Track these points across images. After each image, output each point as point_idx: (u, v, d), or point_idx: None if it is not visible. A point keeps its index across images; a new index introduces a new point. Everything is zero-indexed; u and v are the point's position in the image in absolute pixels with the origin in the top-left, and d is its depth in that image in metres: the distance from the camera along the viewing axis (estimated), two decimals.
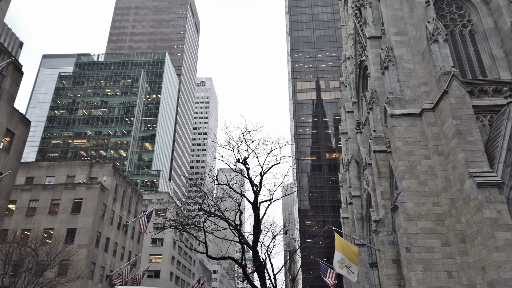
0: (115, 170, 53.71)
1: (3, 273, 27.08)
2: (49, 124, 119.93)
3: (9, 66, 31.61)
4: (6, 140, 32.00)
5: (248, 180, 20.27)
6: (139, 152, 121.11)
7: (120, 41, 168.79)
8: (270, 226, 25.61)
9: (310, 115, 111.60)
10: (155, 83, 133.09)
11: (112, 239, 51.09)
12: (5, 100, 31.63)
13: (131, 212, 58.69)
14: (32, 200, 46.82)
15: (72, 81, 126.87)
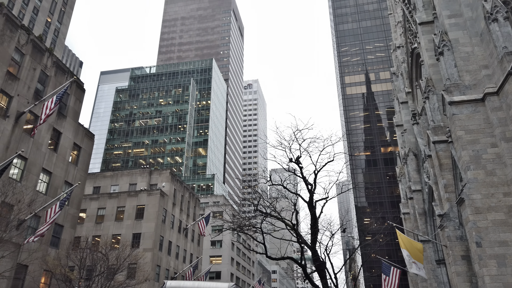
0: (172, 176, 55.91)
1: (79, 277, 29.23)
2: (110, 136, 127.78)
3: (72, 85, 34.16)
4: (74, 153, 34.55)
5: (302, 179, 20.15)
6: (194, 158, 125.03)
7: (169, 52, 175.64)
8: (327, 224, 25.24)
9: (361, 109, 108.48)
10: (204, 90, 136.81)
11: (174, 242, 53.18)
12: (71, 116, 34.18)
13: (190, 216, 60.72)
14: (100, 208, 50.09)
15: (128, 94, 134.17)
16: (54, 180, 31.16)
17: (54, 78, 32.24)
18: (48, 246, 29.82)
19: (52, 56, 32.54)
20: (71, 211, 33.06)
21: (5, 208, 23.58)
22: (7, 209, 23.80)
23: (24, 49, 29.30)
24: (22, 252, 25.79)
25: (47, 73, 31.56)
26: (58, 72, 32.87)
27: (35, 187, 28.80)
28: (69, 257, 29.90)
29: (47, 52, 31.90)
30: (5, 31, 27.54)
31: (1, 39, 27.09)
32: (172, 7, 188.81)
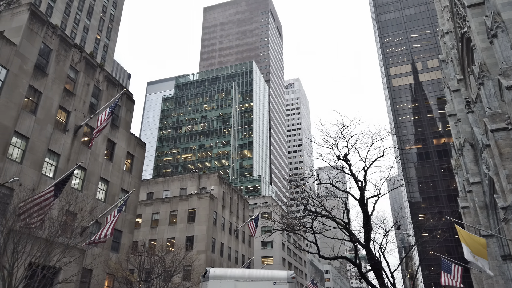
0: (220, 179, 56.99)
1: (139, 279, 30.65)
2: (160, 143, 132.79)
3: (123, 97, 35.92)
4: (128, 162, 36.28)
5: (351, 176, 19.71)
6: (240, 160, 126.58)
7: (211, 58, 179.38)
8: (380, 222, 24.46)
9: (409, 101, 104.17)
10: (246, 92, 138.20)
11: (226, 244, 54.13)
12: (123, 127, 35.94)
13: (239, 218, 61.52)
14: (154, 213, 52.18)
15: (174, 102, 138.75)
16: (111, 188, 32.91)
17: (106, 91, 34.11)
18: (110, 251, 31.52)
19: (103, 71, 34.44)
20: (128, 216, 34.73)
21: (69, 217, 25.26)
22: (71, 217, 25.49)
23: (78, 67, 31.27)
24: (87, 257, 27.49)
25: (99, 87, 33.45)
26: (109, 85, 34.74)
27: (95, 195, 30.60)
28: (129, 261, 31.44)
29: (99, 68, 33.82)
30: (61, 51, 29.56)
31: (57, 59, 29.11)
32: (211, 14, 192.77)
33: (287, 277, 14.35)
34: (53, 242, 20.51)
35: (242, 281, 13.73)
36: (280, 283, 13.99)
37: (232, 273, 14.16)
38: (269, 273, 14.70)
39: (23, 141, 25.34)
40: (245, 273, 14.26)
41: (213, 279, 13.72)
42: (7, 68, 24.76)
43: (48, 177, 26.68)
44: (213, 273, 14.01)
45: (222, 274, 14.04)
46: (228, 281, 13.72)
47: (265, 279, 14.12)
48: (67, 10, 75.90)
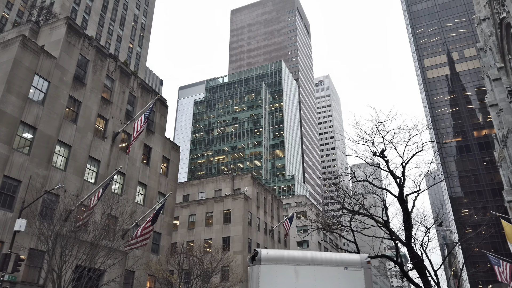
0: (253, 180, 57.21)
1: (179, 280, 31.31)
2: (193, 147, 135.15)
3: (157, 103, 36.82)
4: (164, 165, 37.16)
5: (389, 173, 19.18)
6: (272, 160, 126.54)
7: (239, 60, 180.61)
8: (421, 219, 23.64)
9: (446, 92, 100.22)
10: (276, 92, 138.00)
11: (262, 244, 54.25)
12: (158, 131, 36.86)
13: (274, 218, 61.48)
14: (191, 214, 53.14)
15: (205, 105, 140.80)
16: (149, 191, 33.83)
17: (140, 98, 35.11)
18: (150, 252, 32.40)
19: (137, 79, 35.48)
20: (166, 219, 35.56)
21: (111, 220, 26.20)
22: (113, 221, 26.42)
23: (113, 75, 32.39)
24: (129, 259, 28.39)
25: (134, 95, 34.49)
26: (143, 92, 35.74)
27: (134, 199, 31.56)
28: (169, 262, 32.18)
29: (133, 76, 34.87)
30: (97, 61, 30.74)
31: (94, 69, 30.29)
32: (238, 16, 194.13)
33: (361, 262, 11.54)
34: (97, 245, 21.33)
35: (305, 266, 10.89)
36: (353, 269, 11.30)
37: (290, 256, 11.13)
38: (338, 257, 11.83)
39: (66, 149, 26.54)
40: (307, 256, 11.24)
41: (266, 263, 10.77)
42: (48, 80, 26.03)
43: (90, 182, 27.78)
44: (266, 255, 10.88)
45: (277, 257, 11.05)
46: (286, 265, 10.82)
47: (334, 263, 11.29)
48: (101, 21, 78.78)
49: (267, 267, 10.84)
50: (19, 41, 24.45)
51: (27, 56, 24.69)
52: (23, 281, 21.56)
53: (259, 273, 10.75)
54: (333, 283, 10.87)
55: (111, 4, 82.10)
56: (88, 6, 76.13)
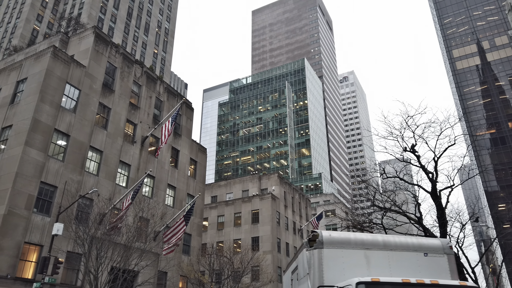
0: (280, 179, 57.07)
1: (211, 281, 31.67)
2: (219, 148, 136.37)
3: (183, 106, 37.37)
4: (191, 168, 37.67)
5: (420, 168, 18.66)
6: (298, 159, 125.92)
7: (262, 60, 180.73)
8: (456, 215, 22.86)
9: (477, 83, 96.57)
10: (299, 91, 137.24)
11: (291, 243, 54.04)
12: (185, 134, 37.41)
13: (302, 217, 61.11)
14: (219, 215, 53.61)
15: (229, 107, 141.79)
16: (178, 193, 34.38)
17: (167, 102, 35.75)
18: (181, 253, 32.92)
19: (163, 83, 36.15)
20: (196, 220, 36.04)
21: (143, 223, 26.80)
22: (145, 223, 27.02)
23: (140, 81, 33.14)
24: (161, 261, 28.96)
25: (160, 99, 35.16)
26: (169, 96, 36.37)
27: (164, 201, 32.16)
28: (200, 263, 32.58)
29: (159, 80, 35.55)
30: (124, 68, 31.53)
31: (121, 75, 31.09)
32: (259, 16, 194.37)
33: (442, 247, 9.86)
34: (131, 247, 21.86)
35: (376, 251, 9.26)
36: (434, 255, 9.64)
37: (358, 239, 9.47)
38: (414, 241, 10.00)
39: (97, 154, 27.37)
40: (378, 240, 9.53)
41: (330, 246, 9.04)
42: (79, 89, 26.93)
43: (121, 186, 28.52)
44: (328, 238, 9.14)
45: (343, 240, 9.28)
46: (354, 250, 9.15)
47: (411, 248, 9.58)
48: (126, 29, 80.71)
49: (331, 252, 9.09)
50: (50, 52, 25.41)
51: (58, 66, 25.63)
52: (62, 283, 22.39)
53: (322, 259, 8.89)
54: (413, 271, 9.12)
55: (136, 12, 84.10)
56: (113, 15, 78.27)
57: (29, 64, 26.26)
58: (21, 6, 77.25)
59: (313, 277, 9.02)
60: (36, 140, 23.21)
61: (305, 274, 9.52)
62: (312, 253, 9.31)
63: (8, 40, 73.46)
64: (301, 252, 10.02)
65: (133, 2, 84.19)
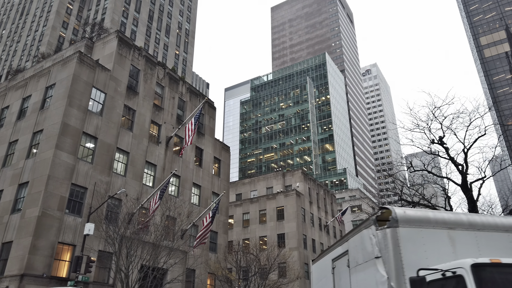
0: (304, 175, 56.77)
1: (238, 278, 31.92)
2: (242, 146, 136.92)
3: (205, 105, 37.70)
4: (216, 166, 38.00)
5: (449, 160, 18.12)
6: (322, 154, 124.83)
7: (282, 56, 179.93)
8: (488, 207, 22.10)
9: (507, 71, 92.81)
10: (321, 86, 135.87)
11: (317, 240, 53.72)
12: (208, 133, 37.75)
13: (328, 213, 60.61)
14: (244, 213, 53.90)
15: (251, 104, 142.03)
16: (204, 192, 34.77)
17: (189, 102, 36.17)
18: (208, 251, 33.31)
19: (185, 84, 36.57)
20: (222, 218, 36.35)
21: (170, 221, 27.26)
22: (172, 222, 27.48)
23: (163, 82, 33.65)
24: (189, 258, 29.39)
25: (183, 99, 35.60)
26: (191, 96, 36.78)
27: (190, 200, 32.60)
28: (227, 260, 32.87)
29: (181, 81, 36.00)
30: (147, 70, 32.09)
31: (145, 78, 31.66)
32: (278, 13, 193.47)
33: None
34: (159, 246, 22.29)
35: (461, 231, 7.95)
36: None
37: (439, 217, 8.01)
38: (504, 220, 8.53)
39: (124, 156, 28.02)
40: (462, 219, 8.17)
41: (406, 225, 7.64)
42: (104, 92, 27.61)
43: (148, 186, 29.10)
44: (403, 215, 7.68)
45: (420, 218, 7.87)
46: (436, 229, 7.79)
47: (501, 228, 8.19)
48: (148, 31, 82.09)
49: (408, 231, 7.69)
50: (76, 57, 26.16)
51: (84, 71, 26.36)
52: (95, 281, 23.09)
53: (398, 239, 7.44)
54: (506, 254, 7.76)
55: (156, 14, 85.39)
56: (135, 18, 79.77)
57: (56, 70, 27.13)
58: (47, 14, 79.86)
59: (388, 261, 7.53)
60: (66, 143, 23.98)
61: (367, 259, 8.09)
62: (385, 233, 7.73)
63: (36, 47, 76.12)
64: (360, 233, 8.32)
65: (153, 4, 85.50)
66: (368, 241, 8.22)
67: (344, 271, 9.55)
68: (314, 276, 12.67)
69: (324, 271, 11.29)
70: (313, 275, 12.72)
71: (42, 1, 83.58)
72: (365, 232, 8.35)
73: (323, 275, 11.37)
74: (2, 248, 22.64)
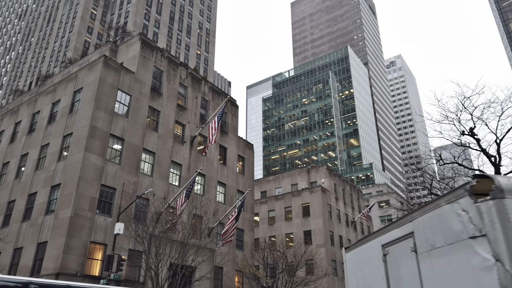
0: (329, 171, 56.18)
1: (265, 275, 31.98)
2: (265, 143, 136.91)
3: (227, 104, 37.84)
4: (240, 164, 38.12)
5: (481, 152, 17.45)
6: (347, 150, 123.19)
7: (304, 52, 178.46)
8: None
9: None
10: (344, 80, 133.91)
11: (344, 236, 53.11)
12: (231, 131, 37.91)
13: (355, 209, 59.79)
14: (270, 210, 53.92)
15: (273, 101, 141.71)
16: (228, 190, 34.98)
17: (212, 101, 36.42)
18: (235, 249, 33.52)
19: (207, 83, 36.84)
20: (247, 216, 36.48)
21: (197, 220, 27.59)
22: (198, 220, 27.80)
23: (185, 82, 34.02)
24: (216, 256, 29.67)
25: (206, 98, 35.88)
26: (214, 95, 37.02)
27: (215, 198, 32.88)
28: (254, 257, 32.97)
29: (203, 80, 36.28)
30: (170, 71, 32.52)
31: (168, 78, 32.09)
32: (298, 7, 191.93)
33: None
34: (187, 244, 22.60)
35: None
36: None
37: None
38: None
39: (150, 156, 28.53)
40: None
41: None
42: (129, 94, 28.17)
43: (174, 185, 29.54)
44: (508, 184, 6.04)
45: None
46: None
47: None
48: (169, 32, 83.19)
49: None
50: (101, 61, 26.79)
51: (109, 74, 26.97)
52: (126, 279, 23.66)
53: (508, 212, 6.03)
54: None
55: (177, 15, 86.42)
56: (157, 20, 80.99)
57: (83, 75, 27.89)
58: (72, 20, 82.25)
59: (497, 241, 6.07)
60: (94, 145, 24.64)
61: (454, 240, 6.77)
62: (489, 207, 6.28)
63: (64, 53, 78.57)
64: (437, 209, 7.07)
65: (174, 6, 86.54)
66: (454, 219, 6.75)
67: (405, 257, 8.02)
68: (350, 266, 10.73)
69: (367, 259, 9.62)
70: (348, 265, 10.84)
71: (68, 8, 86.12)
72: (448, 208, 6.86)
73: (365, 264, 9.68)
74: (38, 248, 23.53)
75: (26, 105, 32.81)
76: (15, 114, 33.55)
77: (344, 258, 11.10)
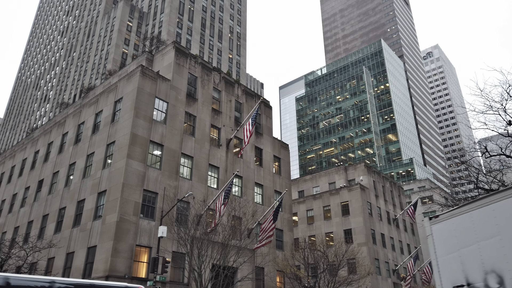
0: (368, 168, 55.01)
1: (307, 275, 31.83)
2: (301, 143, 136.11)
3: (261, 105, 38.08)
4: (276, 164, 38.22)
5: None
6: (385, 145, 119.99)
7: (336, 48, 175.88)
8: None
9: None
10: (379, 74, 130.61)
11: (386, 234, 51.79)
12: (266, 133, 38.10)
13: (396, 206, 58.16)
14: (308, 210, 53.57)
15: (307, 100, 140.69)
16: (266, 191, 35.17)
17: (245, 103, 36.80)
18: (275, 249, 33.63)
19: (240, 86, 37.27)
20: (286, 216, 36.50)
21: (236, 221, 27.97)
22: (238, 222, 28.17)
23: (219, 87, 34.61)
24: (257, 257, 29.91)
25: (239, 101, 36.31)
26: (247, 97, 37.38)
27: (253, 199, 33.17)
28: (294, 257, 32.91)
29: (236, 84, 36.74)
30: (204, 76, 33.22)
31: (202, 84, 32.80)
32: (328, 4, 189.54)
33: None
34: (228, 245, 22.98)
35: None
36: None
37: None
38: None
39: (189, 160, 29.28)
40: None
41: None
42: (166, 101, 29.07)
43: (213, 188, 30.12)
44: None
45: None
46: None
47: None
48: (201, 39, 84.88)
49: None
50: (138, 71, 27.86)
51: (147, 83, 27.99)
52: (171, 280, 24.42)
53: None
54: None
55: (208, 21, 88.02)
56: (189, 28, 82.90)
57: (123, 85, 29.11)
58: (110, 33, 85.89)
59: None
60: (136, 152, 25.64)
61: None
62: None
63: (104, 65, 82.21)
64: None
65: (205, 12, 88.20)
66: None
67: None
68: (443, 241, 8.36)
69: (490, 227, 7.23)
70: (439, 241, 8.36)
71: (105, 22, 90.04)
72: None
73: (484, 234, 7.28)
74: (88, 252, 24.80)
75: (72, 117, 34.66)
76: (62, 126, 35.53)
77: (429, 232, 8.77)
